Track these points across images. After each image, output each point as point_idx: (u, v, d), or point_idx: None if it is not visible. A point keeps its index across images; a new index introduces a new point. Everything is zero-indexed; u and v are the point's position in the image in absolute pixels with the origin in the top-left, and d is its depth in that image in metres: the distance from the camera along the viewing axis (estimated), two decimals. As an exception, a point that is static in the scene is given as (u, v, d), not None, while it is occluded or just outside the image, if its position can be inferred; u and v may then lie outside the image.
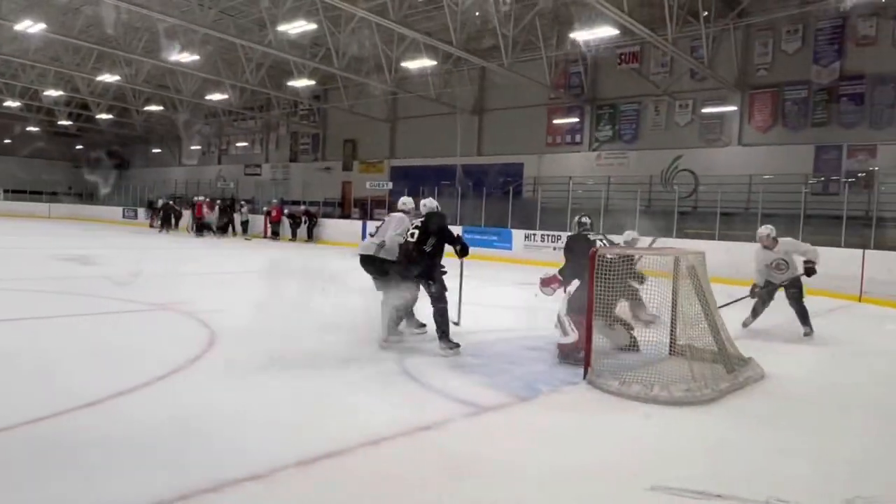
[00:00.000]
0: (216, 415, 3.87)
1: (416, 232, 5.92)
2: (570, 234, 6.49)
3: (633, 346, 5.54)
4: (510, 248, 18.06)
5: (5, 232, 21.20)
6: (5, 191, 37.22)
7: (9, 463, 3.04)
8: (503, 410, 4.25)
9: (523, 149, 22.81)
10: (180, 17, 17.79)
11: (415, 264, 5.79)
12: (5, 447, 3.23)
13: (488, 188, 19.90)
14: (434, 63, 20.05)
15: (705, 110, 18.66)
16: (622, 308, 5.71)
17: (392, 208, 23.46)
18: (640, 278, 5.61)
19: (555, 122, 22.23)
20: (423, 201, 6.44)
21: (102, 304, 7.82)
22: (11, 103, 33.17)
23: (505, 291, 10.76)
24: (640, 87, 19.80)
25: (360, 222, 22.38)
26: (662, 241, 10.45)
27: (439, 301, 5.78)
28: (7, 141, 41.51)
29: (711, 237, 14.72)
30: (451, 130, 23.52)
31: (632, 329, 5.65)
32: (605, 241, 6.36)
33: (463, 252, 6.12)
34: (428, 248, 5.81)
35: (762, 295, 7.60)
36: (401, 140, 27.65)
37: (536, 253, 16.94)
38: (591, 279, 4.95)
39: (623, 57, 20.24)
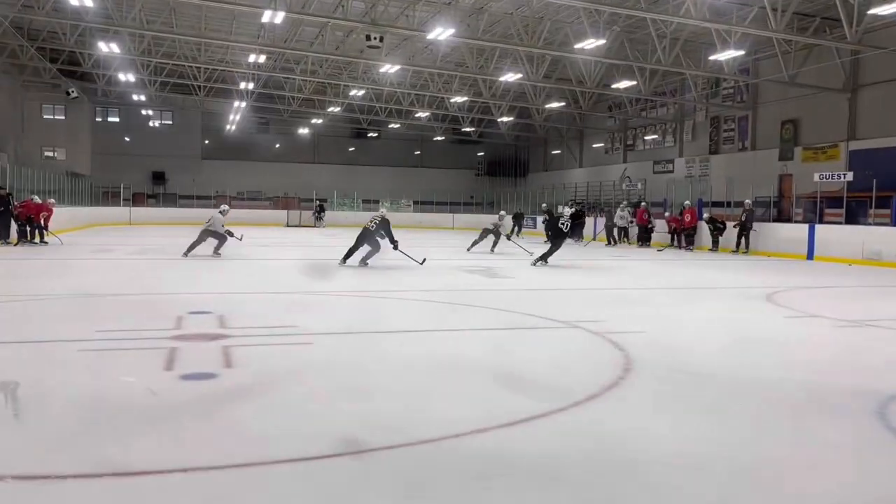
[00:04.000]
0: (645, 452, 4.01)
1: None
2: None
3: None
4: None
5: (417, 244, 25.49)
6: (415, 202, 44.80)
7: (433, 475, 3.66)
8: None
9: None
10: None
11: None
12: (435, 458, 3.88)
13: None
14: (923, 1, 17.54)
15: None
16: None
17: (851, 207, 21.17)
18: None
19: None
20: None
21: (514, 318, 8.84)
22: (422, 114, 39.93)
23: None
24: None
25: (804, 227, 20.71)
26: None
27: None
28: (417, 153, 50.29)
29: None
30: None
31: None
32: None
33: None
34: None
35: None
36: (865, 115, 24.89)
37: None
38: None
39: None
